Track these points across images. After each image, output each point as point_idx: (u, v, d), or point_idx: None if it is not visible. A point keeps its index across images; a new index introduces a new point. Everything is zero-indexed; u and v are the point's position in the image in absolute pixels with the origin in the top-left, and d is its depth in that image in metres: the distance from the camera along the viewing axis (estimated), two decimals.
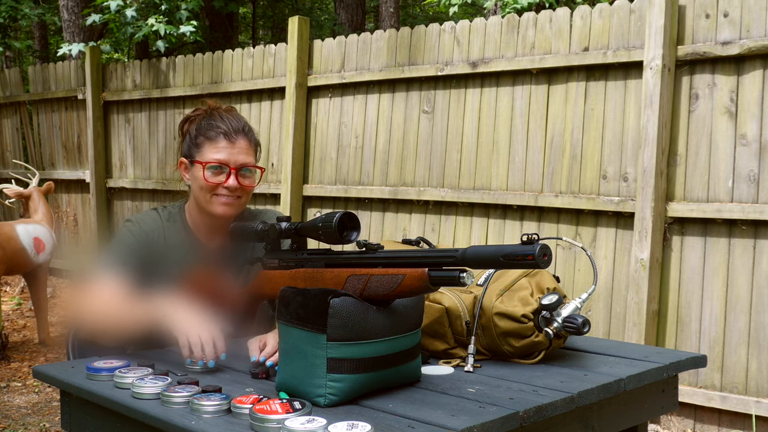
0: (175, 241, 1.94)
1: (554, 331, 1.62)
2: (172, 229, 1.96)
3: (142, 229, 1.92)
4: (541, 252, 1.23)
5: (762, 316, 3.44)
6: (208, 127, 1.90)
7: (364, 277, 1.40)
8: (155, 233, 1.93)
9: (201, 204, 1.92)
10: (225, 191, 1.88)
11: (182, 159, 1.95)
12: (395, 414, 1.31)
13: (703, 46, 3.58)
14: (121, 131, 6.63)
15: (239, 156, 1.88)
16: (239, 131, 1.90)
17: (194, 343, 1.59)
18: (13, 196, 5.01)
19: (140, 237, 1.91)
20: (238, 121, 1.92)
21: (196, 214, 1.96)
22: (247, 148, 1.91)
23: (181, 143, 1.98)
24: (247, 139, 1.92)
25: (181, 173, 1.97)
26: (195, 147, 1.91)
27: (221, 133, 1.88)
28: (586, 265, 3.94)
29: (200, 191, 1.90)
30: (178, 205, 2.02)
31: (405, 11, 14.10)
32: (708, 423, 3.59)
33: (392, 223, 4.76)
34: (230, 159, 1.87)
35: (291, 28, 5.18)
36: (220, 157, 1.86)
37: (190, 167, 1.93)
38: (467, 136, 4.38)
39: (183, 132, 1.98)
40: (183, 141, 1.97)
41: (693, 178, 3.64)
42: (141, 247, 1.90)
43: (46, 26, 12.81)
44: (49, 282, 5.68)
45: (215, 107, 1.97)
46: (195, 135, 1.92)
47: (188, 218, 1.98)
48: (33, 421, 3.68)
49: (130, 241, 1.90)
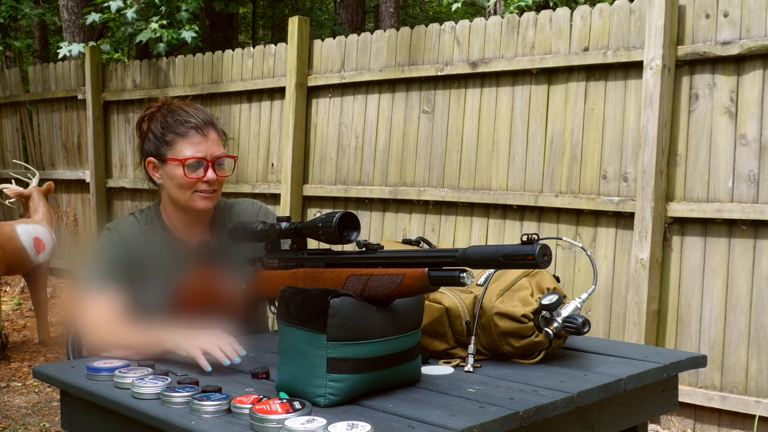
0: (155, 243, 1.92)
1: (554, 331, 1.62)
2: (150, 231, 1.93)
3: (121, 236, 1.89)
4: (541, 252, 1.23)
5: (762, 316, 3.44)
6: (176, 123, 1.86)
7: (364, 277, 1.40)
8: (135, 238, 1.90)
9: (179, 202, 1.89)
10: (204, 185, 1.85)
11: (150, 159, 1.91)
12: (395, 414, 1.31)
13: (703, 46, 3.58)
14: (121, 131, 6.63)
15: (213, 148, 1.86)
16: (208, 123, 1.88)
17: (211, 350, 1.58)
18: (13, 196, 5.01)
19: (120, 245, 1.88)
20: (203, 113, 1.89)
21: (173, 213, 1.94)
22: (218, 139, 1.89)
23: (142, 143, 1.94)
24: (216, 130, 1.89)
25: (149, 173, 1.93)
26: (165, 145, 1.87)
27: (192, 128, 1.85)
28: (586, 265, 3.94)
29: (179, 189, 1.87)
30: (153, 206, 1.99)
31: (405, 11, 14.10)
32: (708, 423, 3.59)
33: (392, 223, 4.76)
34: (206, 153, 1.85)
35: (291, 28, 5.18)
36: (197, 153, 1.84)
37: (161, 166, 1.89)
38: (467, 136, 4.38)
39: (143, 131, 1.93)
40: (144, 140, 1.92)
41: (693, 178, 3.64)
42: (124, 256, 1.86)
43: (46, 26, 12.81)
44: (49, 282, 5.68)
45: (169, 101, 1.93)
46: (161, 132, 1.87)
47: (165, 218, 1.95)
48: (33, 421, 3.68)
49: (111, 251, 1.87)
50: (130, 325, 1.75)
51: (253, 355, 1.72)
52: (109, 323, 1.75)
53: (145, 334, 1.70)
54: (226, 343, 1.60)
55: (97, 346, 1.74)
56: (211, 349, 1.58)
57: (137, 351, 1.68)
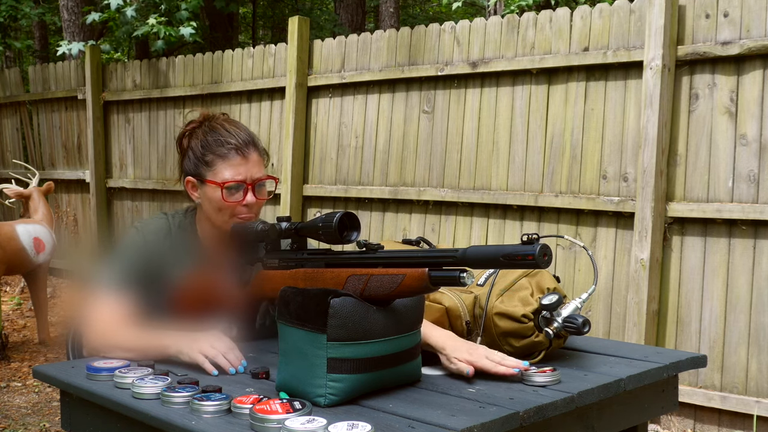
0: (183, 251, 1.87)
1: (554, 331, 1.62)
2: (181, 237, 1.88)
3: (145, 240, 1.84)
4: (542, 252, 1.23)
5: (762, 316, 3.44)
6: (217, 143, 1.79)
7: (364, 277, 1.40)
8: (160, 241, 1.85)
9: (216, 223, 1.83)
10: (244, 209, 1.80)
11: (189, 178, 1.84)
12: (395, 414, 1.31)
13: (703, 46, 3.58)
14: (121, 131, 6.63)
15: (253, 171, 1.80)
16: (249, 144, 1.81)
17: (214, 356, 1.58)
18: (13, 196, 5.01)
19: (141, 249, 1.83)
20: (245, 133, 1.82)
21: (209, 229, 1.88)
22: (259, 160, 1.82)
23: (182, 160, 1.87)
24: (257, 150, 1.82)
25: (189, 192, 1.86)
26: (204, 165, 1.80)
27: (232, 149, 1.78)
28: (586, 265, 3.94)
29: (217, 212, 1.80)
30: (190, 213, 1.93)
31: (405, 11, 14.10)
32: (708, 423, 3.59)
33: (392, 223, 4.76)
34: (246, 176, 1.78)
35: (291, 28, 5.18)
36: (236, 176, 1.77)
37: (200, 186, 1.82)
38: (467, 136, 4.38)
39: (183, 148, 1.87)
40: (184, 157, 1.86)
41: (693, 178, 3.64)
42: (143, 261, 1.82)
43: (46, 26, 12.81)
44: (49, 282, 5.68)
45: (211, 117, 1.87)
46: (202, 153, 1.81)
47: (199, 229, 1.90)
48: (33, 421, 3.67)
49: (131, 253, 1.83)
50: (133, 328, 1.74)
51: (253, 355, 1.72)
52: (112, 325, 1.74)
53: (147, 338, 1.69)
54: (228, 348, 1.60)
55: (97, 347, 1.74)
56: (214, 355, 1.59)
57: (138, 354, 1.68)
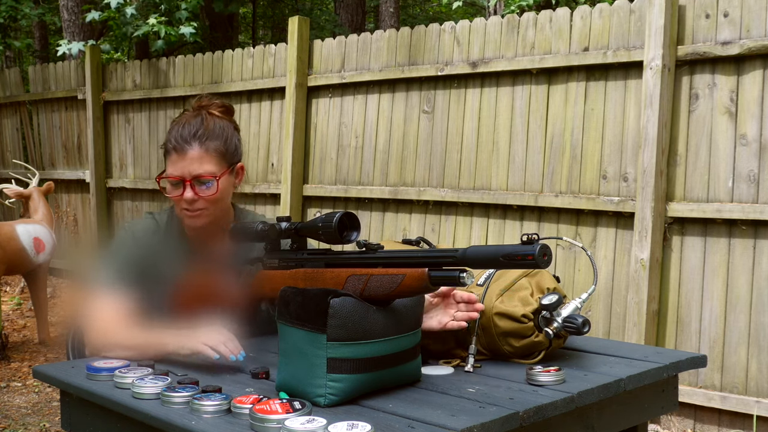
0: (171, 246, 1.89)
1: (554, 331, 1.62)
2: (168, 234, 1.91)
3: (135, 238, 1.87)
4: (541, 252, 1.23)
5: (762, 316, 3.44)
6: (168, 137, 1.82)
7: (364, 277, 1.40)
8: (149, 240, 1.88)
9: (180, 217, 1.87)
10: (186, 204, 1.80)
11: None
12: (395, 414, 1.31)
13: (703, 46, 3.58)
14: (121, 131, 6.63)
15: (192, 167, 1.77)
16: (191, 138, 1.78)
17: (215, 344, 1.58)
18: (13, 196, 5.01)
19: (132, 247, 1.86)
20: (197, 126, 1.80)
21: None
22: (202, 156, 1.78)
23: None
24: (202, 146, 1.79)
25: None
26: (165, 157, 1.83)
27: (175, 143, 1.79)
28: (586, 265, 3.94)
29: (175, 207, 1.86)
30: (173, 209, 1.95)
31: (405, 11, 14.10)
32: (708, 423, 3.59)
33: (392, 223, 4.76)
34: (183, 171, 1.78)
35: (291, 28, 5.18)
36: (174, 172, 1.79)
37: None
38: (467, 136, 4.38)
39: None
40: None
41: (693, 178, 3.64)
42: (135, 259, 1.84)
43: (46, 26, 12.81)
44: (49, 282, 5.68)
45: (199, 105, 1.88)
46: (164, 143, 1.84)
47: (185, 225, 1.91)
48: (33, 421, 3.68)
49: (122, 252, 1.85)
50: (133, 327, 1.74)
51: (253, 355, 1.72)
52: (113, 324, 1.75)
53: (147, 336, 1.70)
54: (228, 339, 1.60)
55: (98, 346, 1.74)
56: (215, 344, 1.58)
57: (139, 353, 1.68)
